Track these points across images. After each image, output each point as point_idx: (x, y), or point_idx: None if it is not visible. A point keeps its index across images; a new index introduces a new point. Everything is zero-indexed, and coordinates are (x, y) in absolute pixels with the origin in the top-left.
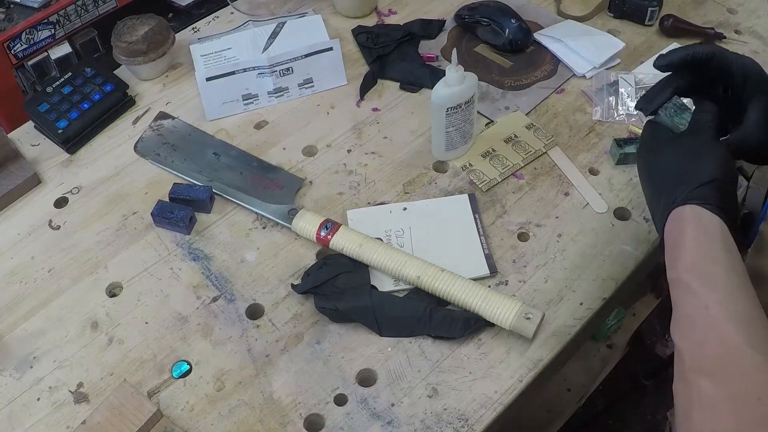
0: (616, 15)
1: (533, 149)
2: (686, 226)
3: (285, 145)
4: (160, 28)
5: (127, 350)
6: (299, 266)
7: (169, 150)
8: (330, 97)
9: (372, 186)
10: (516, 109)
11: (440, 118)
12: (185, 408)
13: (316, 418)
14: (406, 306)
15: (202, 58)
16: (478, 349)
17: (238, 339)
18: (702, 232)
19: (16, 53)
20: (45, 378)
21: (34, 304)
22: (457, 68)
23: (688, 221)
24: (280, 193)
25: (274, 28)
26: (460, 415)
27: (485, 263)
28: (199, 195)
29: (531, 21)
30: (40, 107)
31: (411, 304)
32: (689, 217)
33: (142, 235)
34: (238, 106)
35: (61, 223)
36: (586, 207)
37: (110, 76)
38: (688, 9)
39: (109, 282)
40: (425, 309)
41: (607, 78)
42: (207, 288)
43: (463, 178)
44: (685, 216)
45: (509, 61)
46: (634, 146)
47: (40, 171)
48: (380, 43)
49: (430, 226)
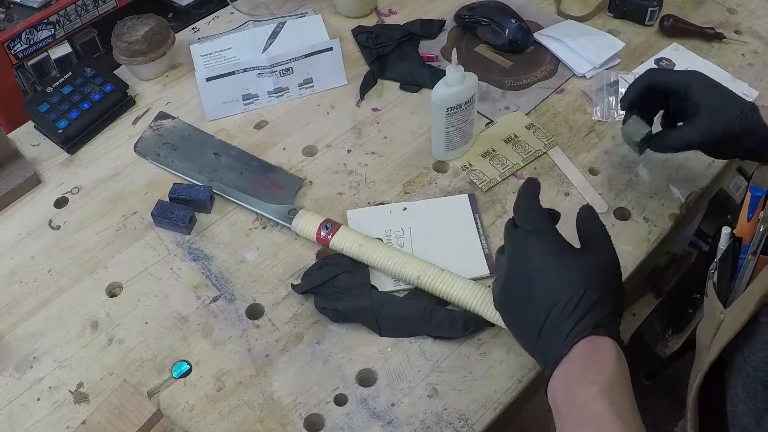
0: (616, 15)
1: (533, 149)
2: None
3: (285, 145)
4: (160, 28)
5: (127, 350)
6: (299, 266)
7: (169, 150)
8: (330, 97)
9: (372, 186)
10: (516, 109)
11: (440, 118)
12: (185, 408)
13: (316, 418)
14: (406, 306)
15: (202, 58)
16: (478, 349)
17: (238, 339)
18: (605, 360)
19: (16, 53)
20: (45, 378)
21: (34, 304)
22: (457, 68)
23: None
24: (280, 193)
25: (274, 28)
26: (460, 415)
27: (485, 263)
28: (199, 195)
29: (531, 21)
30: (40, 107)
31: (411, 304)
32: (587, 347)
33: (142, 235)
34: (238, 106)
35: (61, 223)
36: None
37: (110, 76)
38: (688, 9)
39: (109, 282)
40: (425, 309)
41: (607, 78)
42: (207, 288)
43: (463, 178)
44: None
45: (509, 61)
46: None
47: (40, 171)
48: (380, 43)
49: (430, 226)
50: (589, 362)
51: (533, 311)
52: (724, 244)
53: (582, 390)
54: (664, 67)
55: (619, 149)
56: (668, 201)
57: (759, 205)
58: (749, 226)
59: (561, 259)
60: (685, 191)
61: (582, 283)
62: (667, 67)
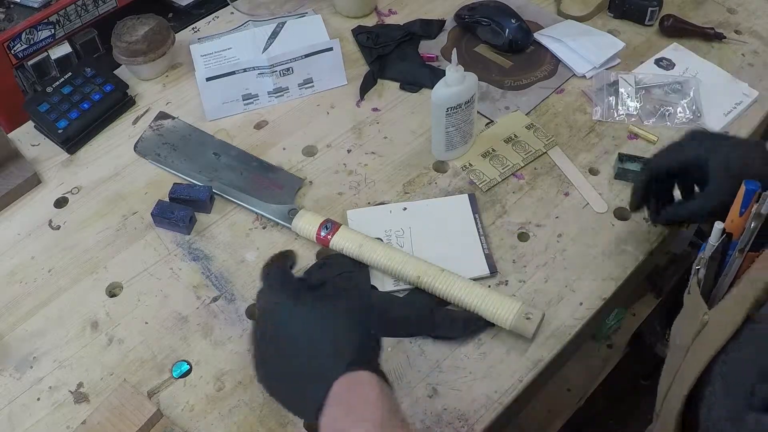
0: (616, 15)
1: (533, 149)
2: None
3: (285, 145)
4: (160, 28)
5: (127, 350)
6: (299, 266)
7: (169, 150)
8: (330, 97)
9: (372, 186)
10: (516, 109)
11: (440, 118)
12: (185, 408)
13: None
14: (406, 306)
15: (202, 58)
16: (478, 349)
17: (238, 339)
18: (369, 394)
19: (16, 53)
20: (45, 378)
21: (34, 304)
22: (457, 68)
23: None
24: (280, 193)
25: (274, 28)
26: (460, 415)
27: (485, 263)
28: (199, 195)
29: (531, 21)
30: (40, 107)
31: (411, 304)
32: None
33: (142, 235)
34: (238, 106)
35: (61, 223)
36: (586, 207)
37: (110, 76)
38: (688, 9)
39: (109, 282)
40: (425, 309)
41: (607, 78)
42: (207, 288)
43: (463, 178)
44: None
45: (509, 61)
46: (635, 164)
47: (40, 171)
48: (380, 43)
49: (430, 226)
50: (353, 400)
51: (290, 369)
52: (714, 240)
53: (355, 428)
54: (664, 67)
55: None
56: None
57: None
58: (740, 221)
59: (303, 315)
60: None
61: (328, 331)
62: (667, 67)
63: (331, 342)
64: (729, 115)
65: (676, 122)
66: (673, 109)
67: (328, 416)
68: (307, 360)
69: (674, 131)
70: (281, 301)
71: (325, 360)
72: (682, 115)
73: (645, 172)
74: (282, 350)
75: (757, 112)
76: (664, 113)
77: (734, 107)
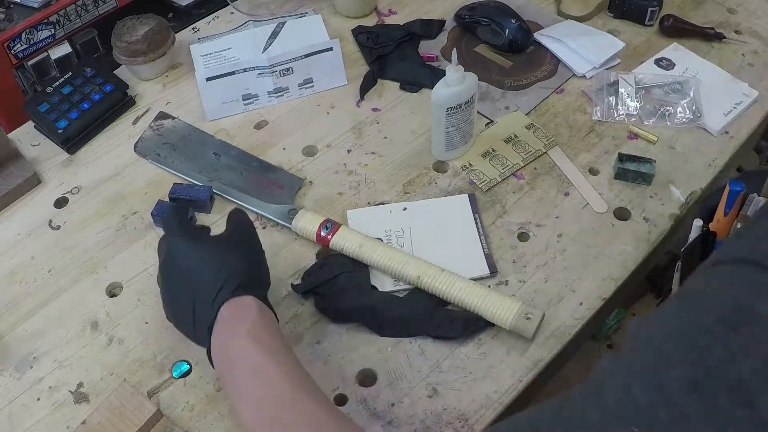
0: (616, 15)
1: (533, 149)
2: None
3: (285, 145)
4: (160, 28)
5: (127, 350)
6: (299, 266)
7: (169, 150)
8: (330, 97)
9: (372, 186)
10: (516, 109)
11: (440, 118)
12: (185, 408)
13: None
14: (406, 306)
15: (202, 58)
16: (478, 349)
17: None
18: (247, 313)
19: (16, 53)
20: (45, 378)
21: (34, 304)
22: (457, 68)
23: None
24: (280, 193)
25: (274, 28)
26: (460, 415)
27: (485, 263)
28: (199, 195)
29: (531, 21)
30: (40, 107)
31: (411, 304)
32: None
33: (142, 235)
34: (238, 106)
35: (61, 223)
36: (586, 207)
37: (110, 76)
38: (688, 9)
39: (109, 282)
40: (425, 309)
41: (607, 78)
42: None
43: (463, 178)
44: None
45: (509, 61)
46: (635, 164)
47: (40, 171)
48: (380, 43)
49: (430, 226)
50: (234, 318)
51: (184, 298)
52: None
53: (231, 343)
54: (664, 67)
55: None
56: (668, 201)
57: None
58: (725, 222)
59: (196, 247)
60: (685, 191)
61: (217, 259)
62: (667, 67)
63: (217, 270)
64: (729, 115)
65: (676, 122)
66: (673, 109)
67: (215, 335)
68: (197, 289)
69: (674, 131)
70: (173, 237)
71: (213, 287)
72: (682, 115)
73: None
74: (176, 283)
75: (757, 112)
76: (664, 113)
77: (734, 107)
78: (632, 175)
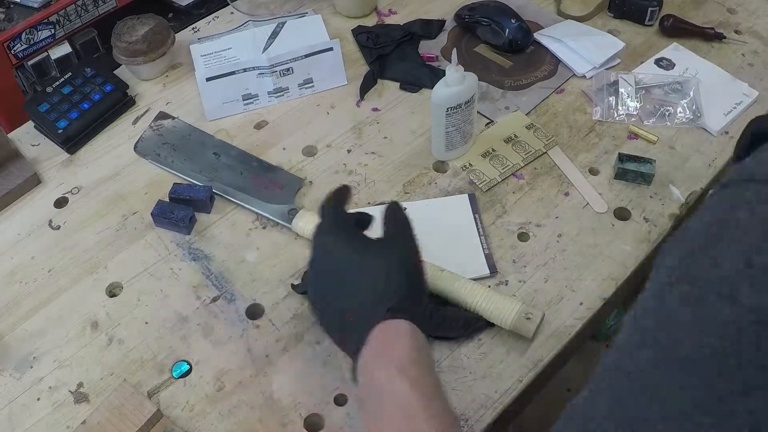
0: (616, 15)
1: (533, 149)
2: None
3: (285, 145)
4: (160, 28)
5: (127, 350)
6: (299, 266)
7: (169, 150)
8: (330, 97)
9: (372, 186)
10: (516, 109)
11: (440, 118)
12: (185, 408)
13: (316, 418)
14: None
15: (202, 58)
16: (478, 349)
17: (238, 339)
18: (399, 341)
19: (16, 53)
20: (45, 378)
21: (34, 304)
22: (457, 68)
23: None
24: (280, 193)
25: (274, 28)
26: (460, 415)
27: (485, 263)
28: (199, 195)
29: (531, 21)
30: (40, 107)
31: None
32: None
33: (142, 235)
34: (238, 106)
35: (61, 223)
36: (586, 207)
37: (110, 76)
38: (688, 9)
39: (109, 282)
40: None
41: (607, 78)
42: (207, 288)
43: (463, 178)
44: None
45: (509, 61)
46: (635, 164)
47: (40, 171)
48: (380, 43)
49: (430, 226)
50: (385, 344)
51: (334, 306)
52: None
53: (380, 372)
54: (664, 67)
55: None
56: (668, 201)
57: None
58: None
59: (355, 254)
60: (685, 191)
61: (376, 274)
62: (667, 67)
63: (375, 287)
64: (729, 115)
65: (676, 122)
66: (673, 109)
67: (363, 358)
68: (350, 300)
69: (674, 131)
70: (332, 239)
71: (368, 305)
72: (682, 115)
73: (747, 128)
74: (328, 287)
75: (757, 112)
76: (664, 113)
77: (734, 107)
78: (632, 175)
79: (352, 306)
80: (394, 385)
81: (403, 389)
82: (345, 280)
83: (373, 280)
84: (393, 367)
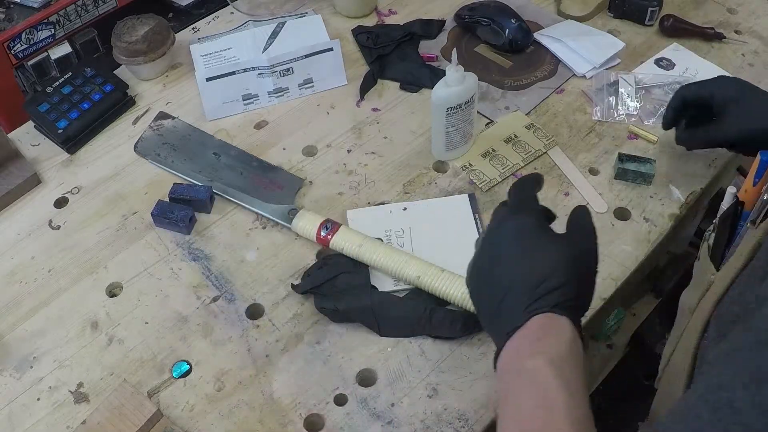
0: (616, 15)
1: (533, 149)
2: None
3: (285, 145)
4: (160, 28)
5: (127, 350)
6: (299, 266)
7: (169, 150)
8: (330, 97)
9: (372, 186)
10: (516, 109)
11: (440, 118)
12: (185, 408)
13: (316, 418)
14: (406, 306)
15: (202, 58)
16: (478, 349)
17: (238, 339)
18: (559, 336)
19: (16, 53)
20: (45, 378)
21: (34, 304)
22: (457, 68)
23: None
24: (280, 193)
25: (274, 28)
26: (460, 415)
27: None
28: (199, 195)
29: (531, 21)
30: (40, 107)
31: (411, 304)
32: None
33: (142, 235)
34: (238, 106)
35: (61, 223)
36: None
37: (110, 76)
38: (688, 9)
39: (109, 282)
40: (425, 309)
41: (607, 78)
42: (207, 288)
43: (463, 178)
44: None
45: (509, 61)
46: (635, 164)
47: (40, 171)
48: (380, 43)
49: (430, 226)
50: (542, 335)
51: (498, 283)
52: (726, 203)
53: (530, 359)
54: (664, 67)
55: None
56: (668, 201)
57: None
58: (753, 192)
59: (535, 239)
60: (685, 191)
61: (551, 264)
62: (667, 67)
63: (548, 275)
64: None
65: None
66: None
67: (513, 345)
68: (516, 283)
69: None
70: (520, 219)
71: (535, 291)
72: None
73: (678, 95)
74: (494, 265)
75: None
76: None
77: None
78: (632, 175)
79: (514, 291)
80: (542, 377)
81: (550, 381)
82: (520, 261)
83: (547, 269)
84: (545, 358)
